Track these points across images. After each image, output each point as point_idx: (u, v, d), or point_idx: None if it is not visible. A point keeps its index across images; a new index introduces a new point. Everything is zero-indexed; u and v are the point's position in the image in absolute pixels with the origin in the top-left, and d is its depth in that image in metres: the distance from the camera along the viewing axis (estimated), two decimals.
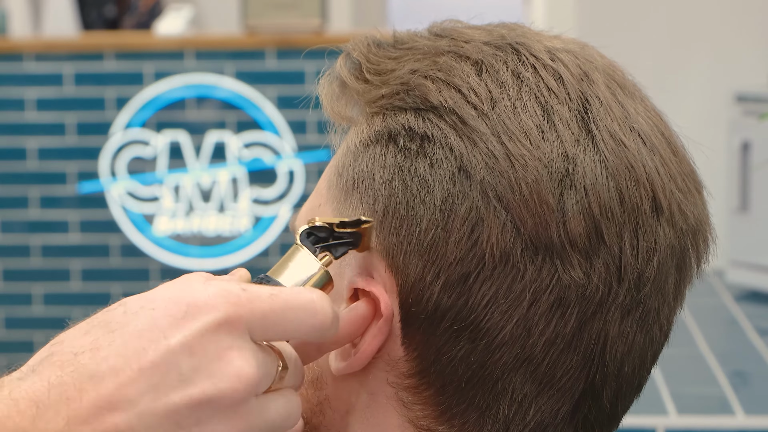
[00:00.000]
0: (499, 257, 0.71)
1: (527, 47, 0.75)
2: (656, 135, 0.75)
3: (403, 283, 0.72)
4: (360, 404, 0.76)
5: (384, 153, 0.73)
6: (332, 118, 0.79)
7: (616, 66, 0.78)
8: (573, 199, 0.71)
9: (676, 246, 0.74)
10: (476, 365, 0.72)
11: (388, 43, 0.78)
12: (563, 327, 0.72)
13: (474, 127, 0.72)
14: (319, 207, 0.78)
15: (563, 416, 0.74)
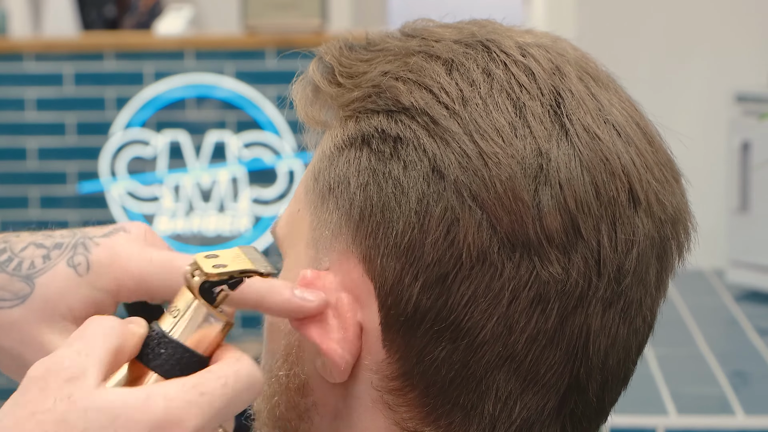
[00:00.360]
0: (476, 256, 0.71)
1: (497, 44, 0.75)
2: (631, 126, 0.74)
3: (381, 286, 0.72)
4: (346, 409, 0.76)
5: (358, 156, 0.73)
6: (307, 123, 0.79)
7: (589, 58, 0.77)
8: (548, 194, 0.71)
9: (656, 236, 0.74)
10: (459, 365, 0.72)
11: (360, 45, 0.77)
12: (544, 323, 0.72)
13: (446, 126, 0.72)
14: (298, 212, 0.78)
15: (549, 412, 0.74)
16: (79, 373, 0.65)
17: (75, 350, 0.67)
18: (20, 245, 0.79)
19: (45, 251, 0.79)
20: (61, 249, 0.78)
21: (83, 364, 0.66)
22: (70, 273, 0.77)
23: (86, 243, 0.78)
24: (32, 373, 0.66)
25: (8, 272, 0.78)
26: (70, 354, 0.66)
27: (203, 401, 0.66)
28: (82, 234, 0.79)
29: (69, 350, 0.67)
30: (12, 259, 0.79)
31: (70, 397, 0.64)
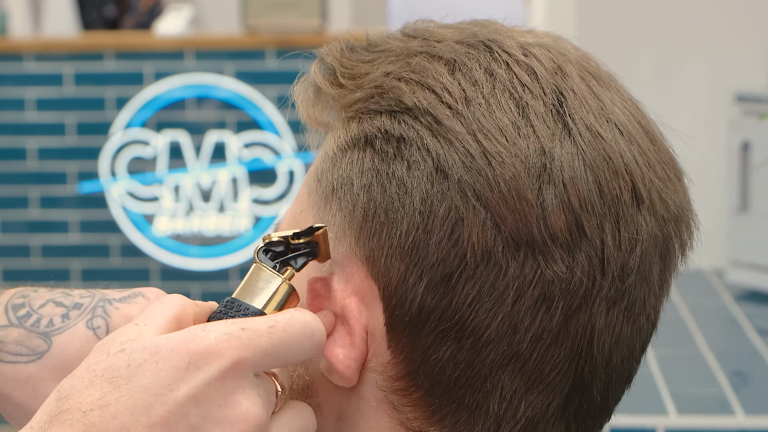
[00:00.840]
0: (480, 256, 0.71)
1: (499, 44, 0.75)
2: (633, 125, 0.75)
3: (385, 287, 0.72)
4: (351, 409, 0.76)
5: (361, 157, 0.73)
6: (309, 124, 0.80)
7: (591, 57, 0.77)
8: (552, 193, 0.71)
9: (659, 235, 0.74)
10: (464, 364, 0.72)
11: (362, 46, 0.78)
12: (549, 322, 0.72)
13: (449, 126, 0.72)
14: (301, 213, 0.78)
15: (554, 411, 0.74)
16: (136, 336, 0.68)
17: (135, 323, 0.69)
18: (39, 301, 0.81)
19: (64, 310, 0.80)
20: (80, 310, 0.80)
21: (142, 330, 0.68)
22: (90, 335, 0.79)
23: (106, 307, 0.80)
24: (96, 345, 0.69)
25: (27, 327, 0.80)
26: (131, 326, 0.69)
27: (244, 335, 0.67)
28: (101, 296, 0.81)
29: (131, 324, 0.70)
30: (31, 314, 0.81)
31: (123, 349, 0.67)
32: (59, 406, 0.66)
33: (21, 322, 0.80)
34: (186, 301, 0.71)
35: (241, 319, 0.68)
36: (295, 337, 0.69)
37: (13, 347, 0.79)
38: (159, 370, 0.66)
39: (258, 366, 0.68)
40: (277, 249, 0.73)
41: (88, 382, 0.66)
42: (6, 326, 0.80)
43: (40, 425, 0.65)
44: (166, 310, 0.70)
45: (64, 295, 0.82)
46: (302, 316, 0.69)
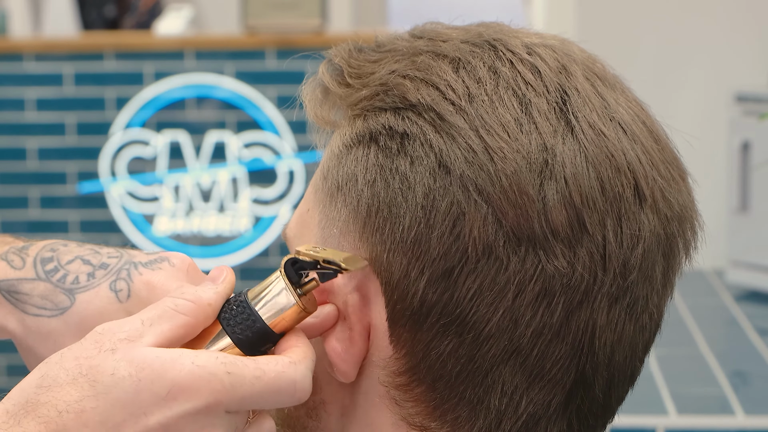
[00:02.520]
0: (482, 250, 0.71)
1: (504, 43, 0.76)
2: (637, 124, 0.75)
3: (387, 281, 0.73)
4: (354, 405, 0.76)
5: (366, 154, 0.74)
6: (316, 123, 0.80)
7: (597, 59, 0.78)
8: (553, 189, 0.71)
9: (662, 233, 0.74)
10: (465, 359, 0.72)
11: (369, 47, 0.78)
12: (550, 317, 0.72)
13: (452, 122, 0.72)
14: (308, 212, 0.78)
15: (556, 408, 0.74)
16: (134, 337, 0.69)
17: (140, 319, 0.70)
18: (67, 257, 0.82)
19: (90, 269, 0.81)
20: (106, 270, 0.81)
21: (142, 331, 0.69)
22: (111, 297, 0.80)
23: (130, 270, 0.80)
24: (96, 329, 0.70)
25: (53, 282, 0.81)
26: (134, 321, 0.70)
27: (227, 380, 0.68)
28: (128, 257, 0.81)
29: (136, 318, 0.70)
30: (58, 269, 0.82)
31: (114, 350, 0.68)
32: (38, 394, 0.67)
33: (48, 277, 0.81)
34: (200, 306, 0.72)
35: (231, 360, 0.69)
36: (278, 392, 0.70)
37: (38, 301, 0.81)
38: (139, 390, 0.67)
39: (232, 408, 0.69)
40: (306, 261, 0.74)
41: (71, 378, 0.67)
42: (33, 279, 0.82)
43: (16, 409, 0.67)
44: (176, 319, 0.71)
45: (92, 253, 0.82)
46: (292, 374, 0.70)
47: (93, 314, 0.79)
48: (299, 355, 0.72)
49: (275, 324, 0.73)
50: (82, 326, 0.79)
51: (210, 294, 0.72)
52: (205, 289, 0.73)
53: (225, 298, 0.73)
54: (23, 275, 0.82)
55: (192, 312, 0.71)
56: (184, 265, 0.80)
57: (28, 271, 0.82)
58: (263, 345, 0.73)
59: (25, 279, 0.82)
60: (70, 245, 0.83)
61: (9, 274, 0.83)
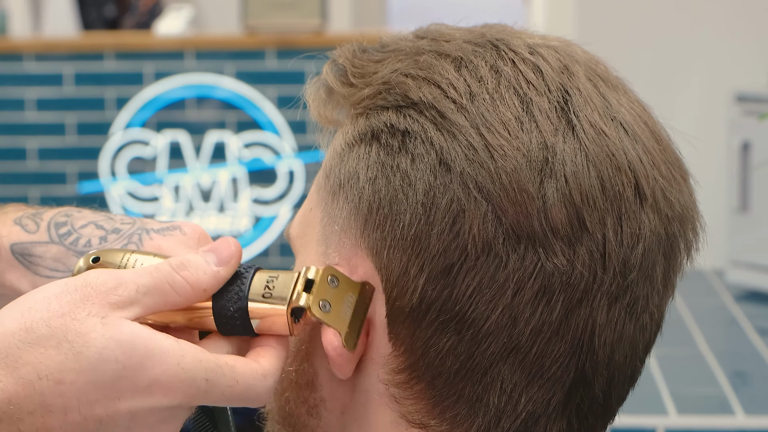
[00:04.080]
0: (481, 247, 0.71)
1: (506, 43, 0.76)
2: (639, 124, 0.75)
3: (387, 278, 0.73)
4: (353, 403, 0.76)
5: (368, 151, 0.74)
6: (320, 123, 0.81)
7: (600, 60, 0.78)
8: (553, 187, 0.71)
9: (662, 233, 0.74)
10: (464, 356, 0.72)
11: (373, 47, 0.79)
12: (549, 315, 0.72)
13: (453, 120, 0.72)
14: (311, 211, 0.78)
15: (555, 406, 0.74)
16: (125, 304, 0.69)
17: (136, 284, 0.70)
18: (81, 222, 0.83)
19: (103, 233, 0.82)
20: (118, 234, 0.81)
21: (135, 300, 0.70)
22: None
23: (141, 235, 0.81)
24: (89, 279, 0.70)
25: (66, 245, 0.82)
26: (130, 285, 0.70)
27: (203, 386, 0.69)
28: (141, 224, 0.82)
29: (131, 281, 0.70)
30: (71, 233, 0.82)
31: (103, 317, 0.68)
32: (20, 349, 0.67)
33: (61, 240, 0.82)
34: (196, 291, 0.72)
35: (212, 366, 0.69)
36: (241, 400, 0.71)
37: (51, 263, 0.82)
38: (121, 377, 0.68)
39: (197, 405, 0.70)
40: None
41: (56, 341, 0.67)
42: (47, 242, 0.82)
43: None
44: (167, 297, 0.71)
45: (106, 218, 0.83)
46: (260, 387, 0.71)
47: None
48: (272, 367, 0.72)
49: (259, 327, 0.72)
50: None
51: (209, 280, 0.72)
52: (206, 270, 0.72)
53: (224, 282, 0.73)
54: (36, 239, 0.83)
55: (186, 295, 0.71)
56: (195, 234, 0.80)
57: (41, 234, 0.83)
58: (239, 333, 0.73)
59: (39, 242, 0.83)
60: (84, 211, 0.84)
61: (23, 237, 0.83)
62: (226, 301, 0.72)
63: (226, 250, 0.73)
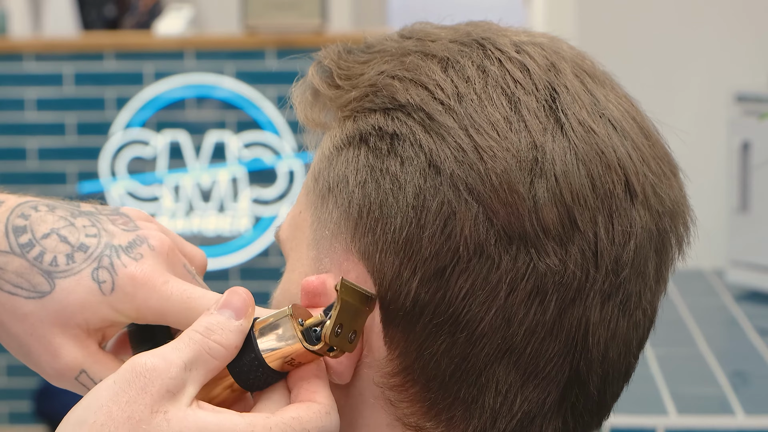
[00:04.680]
0: (473, 249, 0.71)
1: (492, 42, 0.76)
2: (627, 120, 0.75)
3: (380, 282, 0.73)
4: (349, 407, 0.76)
5: (356, 155, 0.74)
6: (307, 125, 0.80)
7: (586, 56, 0.78)
8: (544, 187, 0.71)
9: (653, 229, 0.75)
10: (458, 358, 0.72)
11: (359, 48, 0.79)
12: (543, 315, 0.72)
13: (441, 122, 0.72)
14: (300, 214, 0.78)
15: (550, 405, 0.74)
16: (179, 388, 0.68)
17: (182, 361, 0.69)
18: (42, 229, 0.78)
19: (69, 249, 0.78)
20: (86, 254, 0.78)
21: (185, 380, 0.68)
22: (94, 288, 0.77)
23: (112, 259, 0.77)
24: (138, 368, 0.68)
25: (29, 260, 0.77)
26: (178, 364, 0.68)
27: None
28: (107, 237, 0.78)
29: (177, 358, 0.69)
30: (33, 244, 0.78)
31: (166, 413, 0.67)
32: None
33: (23, 252, 0.77)
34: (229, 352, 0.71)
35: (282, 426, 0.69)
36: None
37: (13, 278, 0.77)
38: None
39: None
40: None
41: None
42: (7, 252, 0.77)
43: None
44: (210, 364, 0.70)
45: (68, 225, 0.79)
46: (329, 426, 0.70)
47: (75, 304, 0.76)
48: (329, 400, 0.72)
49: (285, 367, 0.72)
50: (62, 315, 0.76)
51: (236, 337, 0.71)
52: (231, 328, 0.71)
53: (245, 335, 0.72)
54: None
55: (223, 358, 0.71)
56: (164, 248, 0.78)
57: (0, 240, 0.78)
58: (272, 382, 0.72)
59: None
60: (41, 209, 0.79)
61: None
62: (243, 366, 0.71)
63: (240, 302, 0.72)
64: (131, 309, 0.77)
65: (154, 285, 0.76)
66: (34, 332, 0.77)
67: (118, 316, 0.77)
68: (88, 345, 0.77)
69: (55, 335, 0.77)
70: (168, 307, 0.76)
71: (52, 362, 0.77)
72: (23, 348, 0.77)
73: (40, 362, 0.77)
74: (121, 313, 0.77)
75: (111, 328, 0.78)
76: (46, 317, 0.77)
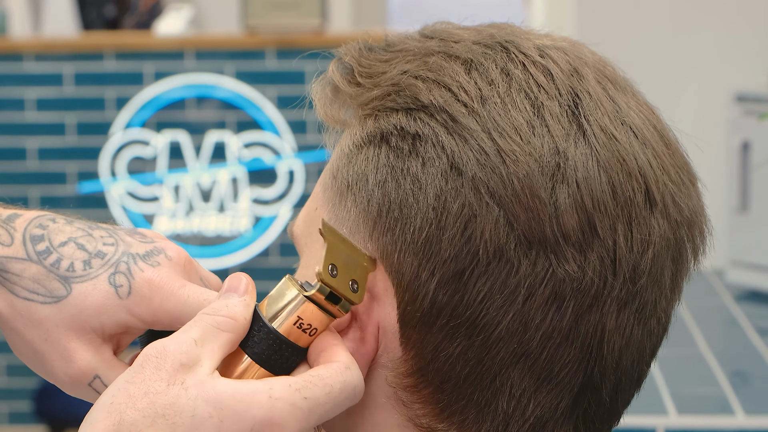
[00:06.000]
0: (493, 253, 0.71)
1: (516, 45, 0.76)
2: (648, 128, 0.75)
3: (398, 282, 0.73)
4: (360, 405, 0.76)
5: (377, 154, 0.74)
6: (326, 122, 0.80)
7: (608, 62, 0.78)
8: (565, 193, 0.71)
9: (671, 238, 0.75)
10: (474, 361, 0.72)
11: (380, 46, 0.78)
12: (559, 321, 0.72)
13: (464, 124, 0.72)
14: (316, 210, 0.78)
15: (563, 411, 0.74)
16: (193, 362, 0.68)
17: (191, 338, 0.69)
18: (60, 238, 0.78)
19: (86, 256, 0.78)
20: (103, 260, 0.78)
21: (198, 354, 0.69)
22: (111, 292, 0.77)
23: (129, 265, 0.77)
24: (149, 351, 0.69)
25: (46, 266, 0.77)
26: (187, 341, 0.69)
27: (305, 406, 0.68)
28: (124, 246, 0.78)
29: (186, 336, 0.69)
30: (50, 252, 0.78)
31: (183, 383, 0.67)
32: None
33: (40, 259, 0.77)
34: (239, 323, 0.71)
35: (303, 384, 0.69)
36: (345, 401, 0.70)
37: (29, 284, 0.77)
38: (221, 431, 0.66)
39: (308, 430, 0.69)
40: None
41: (150, 421, 0.66)
42: (24, 259, 0.77)
43: None
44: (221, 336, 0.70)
45: (85, 235, 0.79)
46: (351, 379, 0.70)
47: (91, 308, 0.76)
48: (347, 357, 0.72)
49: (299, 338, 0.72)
50: (78, 319, 0.76)
51: (243, 309, 0.71)
52: (236, 303, 0.72)
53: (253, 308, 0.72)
54: (12, 253, 0.77)
55: (233, 329, 0.71)
56: (181, 259, 0.79)
57: (17, 248, 0.77)
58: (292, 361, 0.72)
59: (15, 258, 0.77)
60: (59, 221, 0.79)
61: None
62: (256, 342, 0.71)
63: (240, 283, 0.73)
64: (147, 313, 0.76)
65: (171, 289, 0.76)
66: (49, 337, 0.76)
67: (134, 321, 0.77)
68: (103, 351, 0.77)
69: (70, 339, 0.76)
70: (184, 310, 0.76)
71: (66, 367, 0.76)
72: (38, 355, 0.77)
73: (54, 368, 0.77)
74: (137, 317, 0.77)
75: (126, 335, 0.79)
76: (61, 321, 0.77)
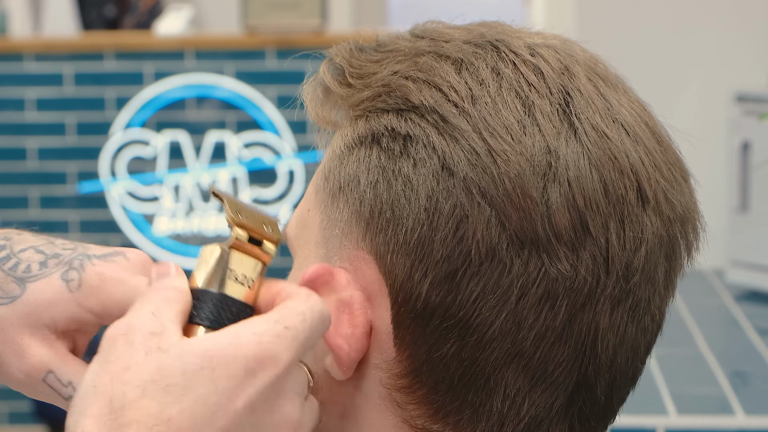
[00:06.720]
0: (485, 253, 0.71)
1: (506, 44, 0.75)
2: (640, 125, 0.75)
3: (392, 283, 0.73)
4: (354, 406, 0.76)
5: (368, 155, 0.74)
6: (317, 123, 0.80)
7: (599, 59, 0.78)
8: (557, 192, 0.71)
9: (664, 235, 0.75)
10: (467, 362, 0.72)
11: (370, 46, 0.78)
12: (553, 320, 0.72)
13: (455, 124, 0.72)
14: (308, 212, 0.78)
15: (558, 410, 0.74)
16: (160, 329, 0.68)
17: (149, 311, 0.69)
18: (20, 246, 0.80)
19: (43, 257, 0.79)
20: (58, 259, 0.79)
21: (161, 322, 0.68)
22: (62, 287, 0.77)
23: (83, 261, 0.78)
24: (113, 332, 0.68)
25: (4, 270, 0.78)
26: (146, 314, 0.69)
27: (289, 335, 0.68)
28: (82, 249, 0.79)
29: (143, 311, 0.69)
30: (10, 257, 0.79)
31: (159, 347, 0.67)
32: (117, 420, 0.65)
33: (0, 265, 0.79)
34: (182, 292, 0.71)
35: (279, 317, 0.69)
36: (318, 327, 0.70)
37: None
38: (216, 378, 0.66)
39: (300, 358, 0.69)
40: None
41: (140, 390, 0.65)
42: None
43: None
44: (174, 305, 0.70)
45: (47, 243, 0.80)
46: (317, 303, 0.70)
47: (43, 304, 0.77)
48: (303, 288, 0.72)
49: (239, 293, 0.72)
50: (32, 316, 0.76)
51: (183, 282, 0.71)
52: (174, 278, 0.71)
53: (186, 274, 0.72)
54: None
55: (180, 299, 0.70)
56: (139, 260, 0.78)
57: None
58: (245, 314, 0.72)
59: None
60: (24, 234, 0.81)
61: None
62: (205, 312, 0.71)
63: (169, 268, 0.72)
64: (96, 303, 0.76)
65: (122, 278, 0.76)
66: (4, 336, 0.77)
67: (85, 314, 0.77)
68: (57, 346, 0.77)
69: (23, 336, 0.77)
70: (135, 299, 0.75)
71: (19, 363, 0.76)
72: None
73: (9, 366, 0.77)
74: (88, 309, 0.76)
75: (80, 333, 0.78)
76: (16, 320, 0.77)
